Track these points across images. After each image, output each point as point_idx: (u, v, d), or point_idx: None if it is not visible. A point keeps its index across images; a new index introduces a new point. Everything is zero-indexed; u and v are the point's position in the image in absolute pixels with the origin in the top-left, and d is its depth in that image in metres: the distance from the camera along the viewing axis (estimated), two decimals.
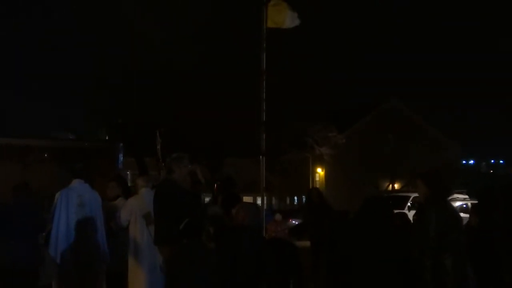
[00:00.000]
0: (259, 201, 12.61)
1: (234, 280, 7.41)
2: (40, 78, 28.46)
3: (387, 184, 43.65)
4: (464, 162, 59.35)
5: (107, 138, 29.68)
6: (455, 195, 24.86)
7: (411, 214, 16.89)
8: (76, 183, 9.05)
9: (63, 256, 8.71)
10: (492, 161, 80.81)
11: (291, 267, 7.69)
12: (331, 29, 33.97)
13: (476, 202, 9.45)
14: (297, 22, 11.45)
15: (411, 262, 6.53)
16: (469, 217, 8.56)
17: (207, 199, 11.13)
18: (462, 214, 7.55)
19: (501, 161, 79.58)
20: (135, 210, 9.50)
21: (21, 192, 9.16)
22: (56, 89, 27.87)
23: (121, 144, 18.80)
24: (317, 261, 14.54)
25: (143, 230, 9.29)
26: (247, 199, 21.73)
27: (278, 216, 8.40)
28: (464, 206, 23.28)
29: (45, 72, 28.51)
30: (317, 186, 36.47)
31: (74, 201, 8.84)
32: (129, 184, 11.80)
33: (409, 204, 25.84)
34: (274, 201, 48.13)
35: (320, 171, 45.11)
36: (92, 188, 9.27)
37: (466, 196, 25.38)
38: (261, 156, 11.11)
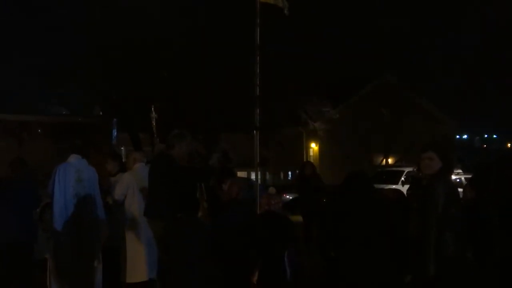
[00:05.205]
0: (253, 176, 12.63)
1: (225, 252, 7.48)
2: (33, 53, 28.22)
3: (381, 159, 43.73)
4: (457, 136, 59.44)
5: (101, 113, 29.64)
6: None
7: (404, 189, 17.02)
8: (74, 159, 9.03)
9: (61, 231, 8.73)
10: (486, 135, 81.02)
11: (286, 238, 7.74)
12: (326, 4, 33.75)
13: (470, 176, 9.48)
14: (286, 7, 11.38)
15: (410, 236, 6.60)
16: (463, 191, 8.61)
17: None
18: None
19: (494, 136, 79.80)
20: (132, 184, 9.57)
21: (16, 167, 9.18)
22: (50, 65, 27.59)
23: (115, 120, 18.81)
24: (309, 234, 14.66)
25: (140, 204, 9.34)
26: (241, 174, 21.76)
27: (272, 189, 8.43)
28: (458, 180, 23.36)
29: (38, 47, 28.27)
30: (311, 161, 36.50)
31: (72, 177, 8.84)
32: (123, 160, 11.84)
33: (402, 178, 25.92)
34: (268, 176, 48.21)
35: (314, 146, 45.13)
36: (89, 163, 9.29)
37: (460, 171, 25.44)
38: (254, 131, 11.11)
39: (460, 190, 7.15)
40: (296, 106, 32.71)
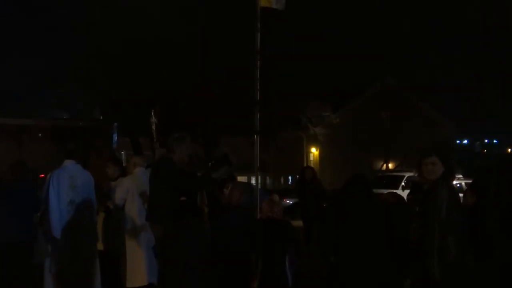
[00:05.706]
0: (253, 181, 12.62)
1: (225, 254, 7.46)
2: (33, 53, 28.23)
3: (381, 163, 43.66)
4: (458, 141, 59.42)
5: (101, 117, 29.61)
6: None
7: (404, 194, 17.01)
8: (68, 164, 9.00)
9: (58, 237, 8.72)
10: (486, 140, 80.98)
11: (286, 239, 7.73)
12: (325, 7, 33.66)
13: (471, 181, 9.48)
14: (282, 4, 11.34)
15: (410, 240, 6.60)
16: (464, 196, 8.60)
17: None
18: None
19: (495, 141, 79.77)
20: (131, 189, 9.57)
21: (17, 170, 9.17)
22: (50, 65, 27.60)
23: (116, 124, 18.81)
24: (309, 238, 14.68)
25: (140, 208, 9.34)
26: (241, 178, 21.72)
27: (275, 197, 8.40)
28: (458, 185, 23.35)
29: (38, 47, 28.27)
30: (311, 165, 36.45)
31: (66, 182, 8.81)
32: (124, 164, 11.84)
33: (403, 183, 25.89)
34: (268, 180, 48.16)
35: (314, 151, 45.10)
36: (85, 168, 9.25)
37: (460, 176, 25.41)
38: (255, 136, 11.09)
39: (460, 195, 7.16)
40: (296, 110, 32.64)
